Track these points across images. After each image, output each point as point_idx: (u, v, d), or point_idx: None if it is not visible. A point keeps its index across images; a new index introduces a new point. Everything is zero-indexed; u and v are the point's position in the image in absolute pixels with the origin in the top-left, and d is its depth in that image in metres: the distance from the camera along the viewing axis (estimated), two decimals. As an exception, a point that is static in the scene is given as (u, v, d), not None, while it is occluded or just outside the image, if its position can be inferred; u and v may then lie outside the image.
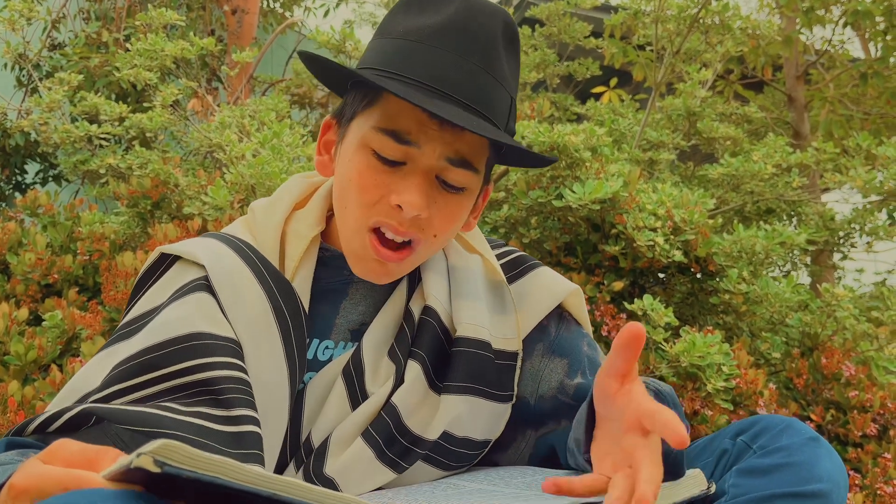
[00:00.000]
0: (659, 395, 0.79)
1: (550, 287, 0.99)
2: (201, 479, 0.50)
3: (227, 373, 0.78)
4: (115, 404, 0.76)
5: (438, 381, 0.90)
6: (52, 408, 0.79)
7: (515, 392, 0.94)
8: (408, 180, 0.84)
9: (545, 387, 0.94)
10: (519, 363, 0.94)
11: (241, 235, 0.92)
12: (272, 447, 0.83)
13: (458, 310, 0.92)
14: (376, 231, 0.86)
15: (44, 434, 0.76)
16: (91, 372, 0.82)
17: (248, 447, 0.75)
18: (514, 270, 1.01)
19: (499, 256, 1.02)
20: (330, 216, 0.96)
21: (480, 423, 0.91)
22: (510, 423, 0.93)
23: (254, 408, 0.79)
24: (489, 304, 0.95)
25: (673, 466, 0.75)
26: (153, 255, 0.91)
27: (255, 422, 0.78)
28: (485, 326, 0.92)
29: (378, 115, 0.84)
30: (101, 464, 0.57)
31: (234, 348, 0.81)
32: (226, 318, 0.83)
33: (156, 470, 0.49)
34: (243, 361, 0.81)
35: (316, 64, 0.90)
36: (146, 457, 0.49)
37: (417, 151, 0.83)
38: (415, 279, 0.96)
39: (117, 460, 0.53)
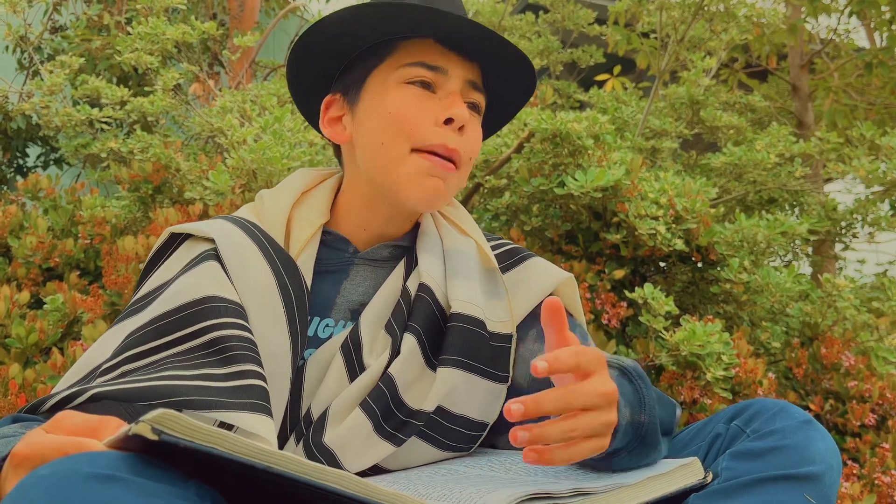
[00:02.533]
0: (623, 372, 0.80)
1: (544, 275, 1.01)
2: (198, 450, 0.50)
3: (234, 332, 0.81)
4: (126, 369, 0.79)
5: (434, 356, 0.91)
6: (63, 383, 0.82)
7: (511, 374, 0.95)
8: (448, 100, 0.94)
9: None
10: (513, 345, 0.96)
11: (248, 218, 0.96)
12: (275, 419, 0.84)
13: (453, 288, 0.94)
14: (417, 150, 0.93)
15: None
16: (102, 345, 0.85)
17: (253, 398, 0.77)
18: (509, 260, 1.03)
19: (493, 248, 1.04)
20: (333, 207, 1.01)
21: (477, 402, 0.92)
22: None
23: (259, 364, 0.81)
24: (483, 287, 0.97)
25: (644, 436, 0.77)
26: (163, 236, 0.95)
27: (261, 377, 0.80)
28: (479, 305, 0.93)
29: (402, 57, 0.95)
30: (104, 432, 0.58)
31: (241, 311, 0.84)
32: (233, 287, 0.86)
33: (153, 438, 0.49)
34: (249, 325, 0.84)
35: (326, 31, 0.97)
36: (144, 424, 0.49)
37: (445, 77, 0.95)
38: (411, 262, 0.99)
39: (119, 429, 0.54)
